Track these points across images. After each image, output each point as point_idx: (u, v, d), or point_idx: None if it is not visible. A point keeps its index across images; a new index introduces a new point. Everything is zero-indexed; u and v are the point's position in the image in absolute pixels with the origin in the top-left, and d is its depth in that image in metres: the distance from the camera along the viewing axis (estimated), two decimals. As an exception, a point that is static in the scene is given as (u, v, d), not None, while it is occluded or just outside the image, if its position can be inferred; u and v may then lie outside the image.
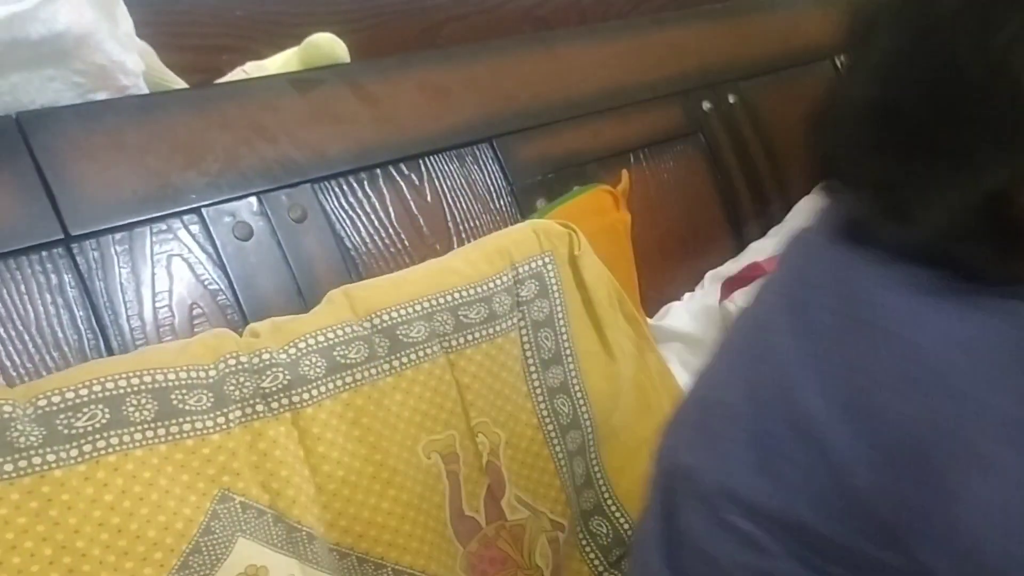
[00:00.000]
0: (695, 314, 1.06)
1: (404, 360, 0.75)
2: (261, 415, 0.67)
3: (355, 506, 0.70)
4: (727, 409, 0.51)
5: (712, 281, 1.10)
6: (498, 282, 0.82)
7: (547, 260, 0.86)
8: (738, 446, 0.49)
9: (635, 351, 0.91)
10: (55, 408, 0.60)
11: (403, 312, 0.76)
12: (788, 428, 0.46)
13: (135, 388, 0.63)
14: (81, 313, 0.70)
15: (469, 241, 0.90)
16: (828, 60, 1.34)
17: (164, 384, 0.64)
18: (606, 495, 0.87)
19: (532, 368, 0.84)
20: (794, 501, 0.46)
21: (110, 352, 0.70)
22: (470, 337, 0.79)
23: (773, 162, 1.23)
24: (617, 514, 0.86)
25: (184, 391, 0.65)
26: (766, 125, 1.21)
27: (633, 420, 0.90)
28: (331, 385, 0.71)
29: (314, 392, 0.69)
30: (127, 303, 0.72)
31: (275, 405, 0.68)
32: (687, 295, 1.11)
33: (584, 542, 0.86)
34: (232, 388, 0.67)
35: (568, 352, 0.86)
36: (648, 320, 1.02)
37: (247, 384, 0.67)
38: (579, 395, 0.86)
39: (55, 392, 0.61)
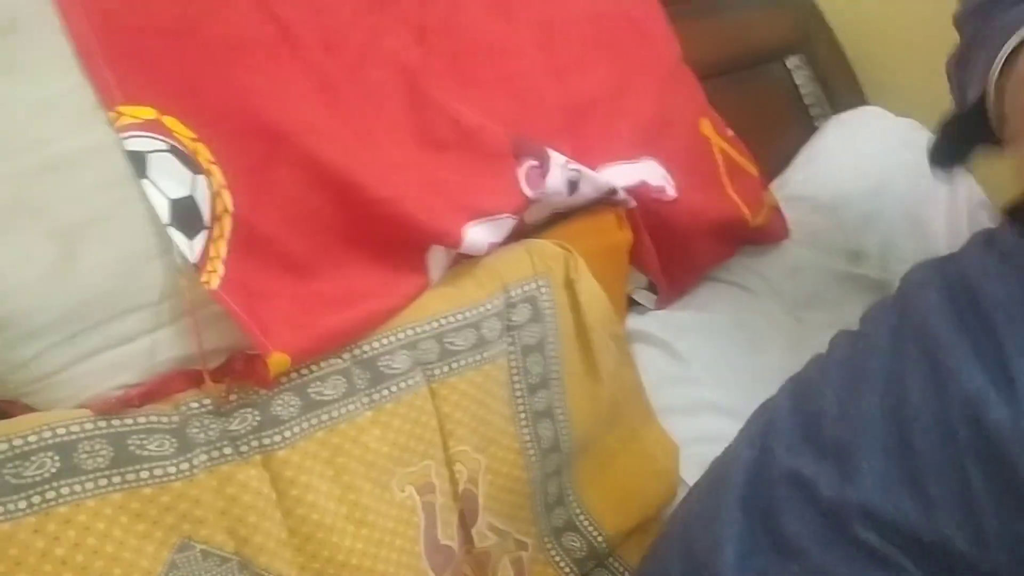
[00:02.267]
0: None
1: (384, 393, 0.68)
2: (229, 459, 0.60)
3: (329, 548, 0.63)
4: (861, 423, 0.48)
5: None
6: (489, 307, 0.75)
7: (541, 283, 0.78)
8: (876, 461, 0.47)
9: (615, 369, 0.85)
10: (2, 457, 0.53)
11: (385, 342, 0.68)
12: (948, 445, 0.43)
13: (88, 433, 0.55)
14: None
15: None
16: (779, 62, 1.26)
17: (120, 429, 0.57)
18: (577, 511, 0.82)
19: (519, 393, 0.77)
20: (940, 521, 0.44)
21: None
22: (455, 365, 0.72)
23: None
24: (589, 528, 0.82)
25: (143, 436, 0.58)
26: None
27: (605, 434, 0.84)
28: (306, 424, 0.63)
29: (287, 433, 0.62)
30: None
31: (244, 448, 0.61)
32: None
33: (558, 558, 0.81)
34: (196, 431, 0.59)
35: (556, 376, 0.80)
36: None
37: (213, 427, 0.60)
38: (562, 419, 0.80)
39: (1, 439, 0.53)
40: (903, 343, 0.51)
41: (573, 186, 0.80)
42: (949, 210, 1.16)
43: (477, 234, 0.73)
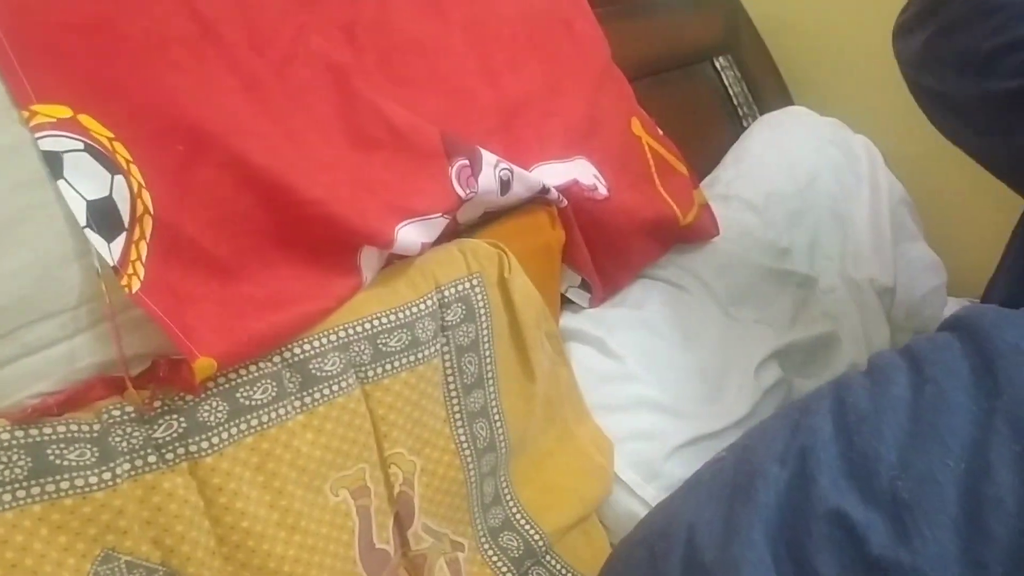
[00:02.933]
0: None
1: (316, 396, 0.66)
2: (154, 467, 0.58)
3: (260, 557, 0.61)
4: (929, 485, 0.45)
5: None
6: (422, 307, 0.74)
7: (475, 282, 0.77)
8: (941, 532, 0.43)
9: (550, 367, 0.85)
10: (-90, 471, 0.51)
11: (317, 344, 0.67)
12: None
13: (5, 444, 0.53)
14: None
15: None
16: (708, 63, 1.27)
17: (39, 439, 0.55)
18: (514, 510, 0.81)
19: (453, 394, 0.76)
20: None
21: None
22: (389, 367, 0.71)
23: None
24: (526, 527, 0.81)
25: (62, 445, 0.55)
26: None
27: (539, 433, 0.84)
28: (234, 430, 0.61)
29: (215, 439, 0.60)
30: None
31: (170, 456, 0.59)
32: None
33: (495, 558, 0.80)
34: (119, 440, 0.57)
35: (490, 376, 0.79)
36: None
37: (136, 435, 0.58)
38: (497, 418, 0.79)
39: (-91, 453, 0.51)
40: (992, 416, 0.47)
41: (505, 186, 0.80)
42: (872, 207, 1.18)
43: (409, 234, 0.72)
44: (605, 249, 0.93)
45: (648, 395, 0.91)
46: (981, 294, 0.84)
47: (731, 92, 1.28)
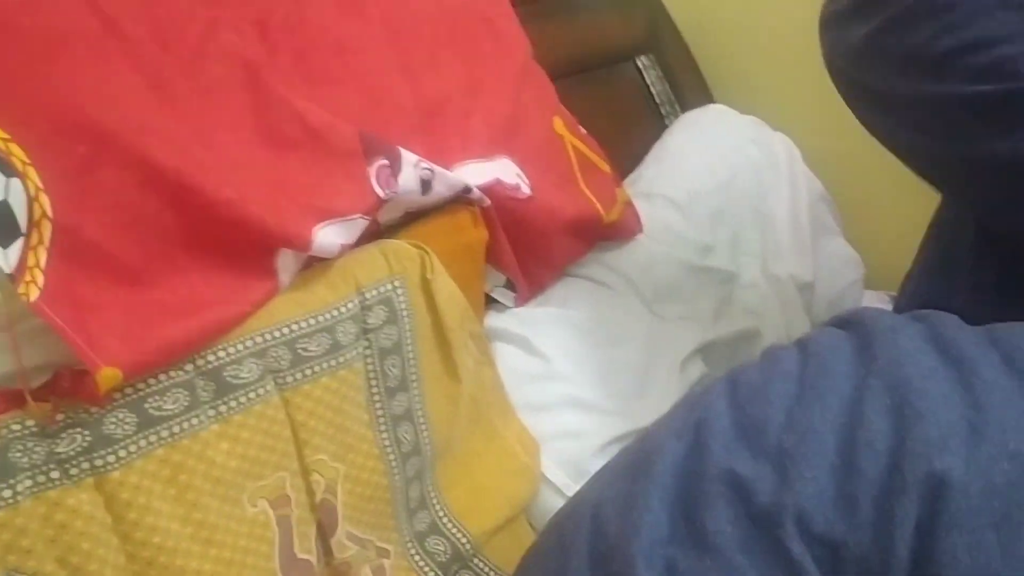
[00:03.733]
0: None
1: (232, 404, 0.64)
2: (57, 483, 0.55)
3: (173, 572, 0.59)
4: (810, 435, 0.49)
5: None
6: (343, 310, 0.72)
7: (397, 284, 0.76)
8: (819, 473, 0.47)
9: (475, 368, 0.84)
10: None
11: (232, 351, 0.65)
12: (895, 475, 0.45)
13: None
14: None
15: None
16: (630, 61, 1.28)
17: (-69, 459, 0.52)
18: (440, 513, 0.80)
19: (376, 397, 0.75)
20: (863, 540, 0.45)
21: None
22: (308, 372, 0.69)
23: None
24: (453, 530, 0.80)
25: (-43, 465, 0.52)
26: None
27: (465, 434, 0.83)
28: (143, 442, 0.59)
29: (122, 453, 0.57)
30: None
31: (74, 471, 0.56)
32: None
33: (422, 563, 0.79)
34: (19, 455, 0.54)
35: (414, 378, 0.77)
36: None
37: (38, 450, 0.55)
38: (422, 421, 0.78)
39: None
40: (867, 377, 0.51)
41: (426, 185, 0.78)
42: (791, 204, 1.20)
43: (328, 236, 0.70)
44: (529, 248, 0.92)
45: (574, 394, 0.90)
46: (898, 288, 0.85)
47: (653, 91, 1.29)
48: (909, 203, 0.79)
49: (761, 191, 1.18)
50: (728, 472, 0.50)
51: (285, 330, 0.68)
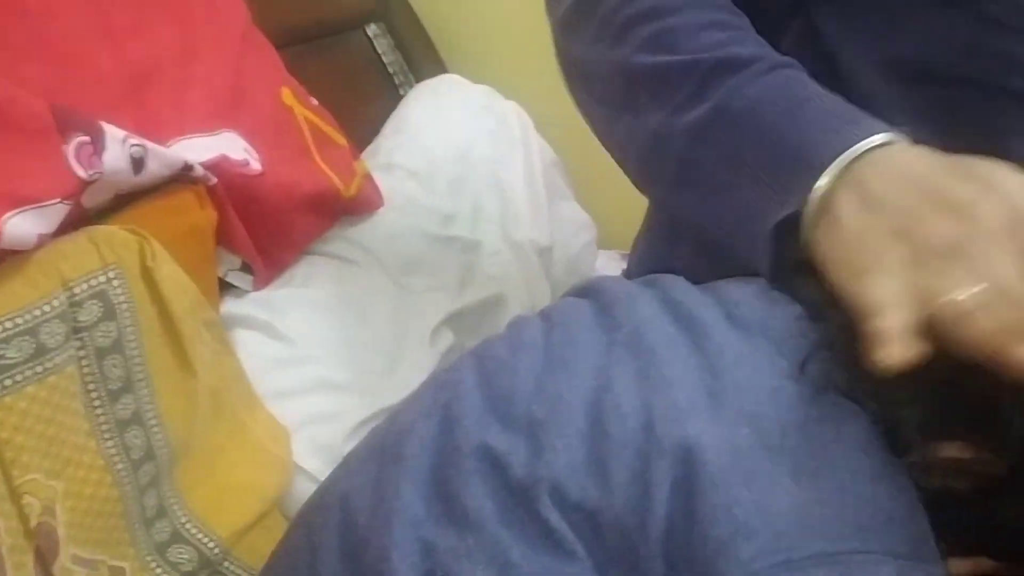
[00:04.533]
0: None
1: (-89, 429, 0.55)
2: None
3: None
4: (558, 403, 0.49)
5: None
6: (46, 308, 0.63)
7: (112, 275, 0.67)
8: (570, 440, 0.47)
9: (212, 358, 0.78)
10: None
11: (-93, 366, 0.55)
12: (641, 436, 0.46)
13: None
14: None
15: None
16: (360, 30, 1.26)
17: None
18: (183, 520, 0.74)
19: (97, 403, 0.67)
20: (617, 504, 0.46)
21: None
22: (9, 382, 0.60)
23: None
24: (198, 535, 0.74)
25: None
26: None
27: (207, 430, 0.77)
28: None
29: None
30: None
31: None
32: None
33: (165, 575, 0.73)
34: None
35: (141, 377, 0.70)
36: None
37: None
38: (153, 422, 0.71)
39: None
40: (611, 345, 0.52)
41: (138, 164, 0.71)
42: (526, 170, 1.22)
43: (21, 225, 0.61)
44: (264, 227, 0.87)
45: (323, 376, 0.87)
46: (630, 248, 0.88)
47: (385, 61, 1.26)
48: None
49: (497, 159, 1.20)
50: (482, 446, 0.49)
51: (-25, 336, 0.59)
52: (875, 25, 0.63)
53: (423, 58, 1.32)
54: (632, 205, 0.89)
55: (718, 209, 0.58)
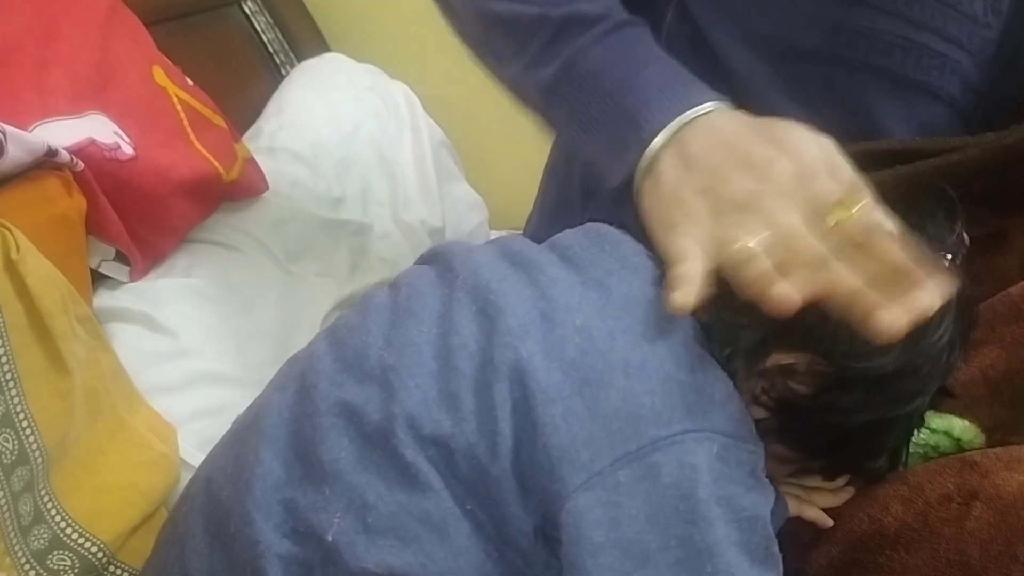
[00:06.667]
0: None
1: None
2: None
3: None
4: (409, 349, 0.53)
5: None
6: None
7: (-29, 270, 0.64)
8: (422, 380, 0.51)
9: (87, 355, 0.74)
10: None
11: None
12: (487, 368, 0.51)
13: None
14: None
15: None
16: (235, 6, 1.23)
17: None
18: (62, 525, 0.70)
19: (-41, 407, 0.63)
20: (468, 431, 0.50)
21: None
22: None
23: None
24: (80, 540, 0.71)
25: None
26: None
27: (85, 431, 0.74)
28: None
29: None
30: None
31: None
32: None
33: (45, 585, 0.69)
34: None
35: (10, 377, 0.66)
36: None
37: None
38: (25, 424, 0.67)
39: None
40: (452, 291, 0.56)
41: (-3, 149, 0.66)
42: (415, 151, 1.21)
43: None
44: (140, 215, 0.83)
45: (208, 368, 0.85)
46: (523, 227, 0.89)
47: (264, 39, 1.22)
48: (525, 146, 0.83)
49: (385, 140, 1.19)
50: (338, 403, 0.53)
51: None
52: (739, 4, 0.66)
53: (303, 36, 1.28)
54: (522, 184, 0.90)
55: (583, 156, 0.65)
